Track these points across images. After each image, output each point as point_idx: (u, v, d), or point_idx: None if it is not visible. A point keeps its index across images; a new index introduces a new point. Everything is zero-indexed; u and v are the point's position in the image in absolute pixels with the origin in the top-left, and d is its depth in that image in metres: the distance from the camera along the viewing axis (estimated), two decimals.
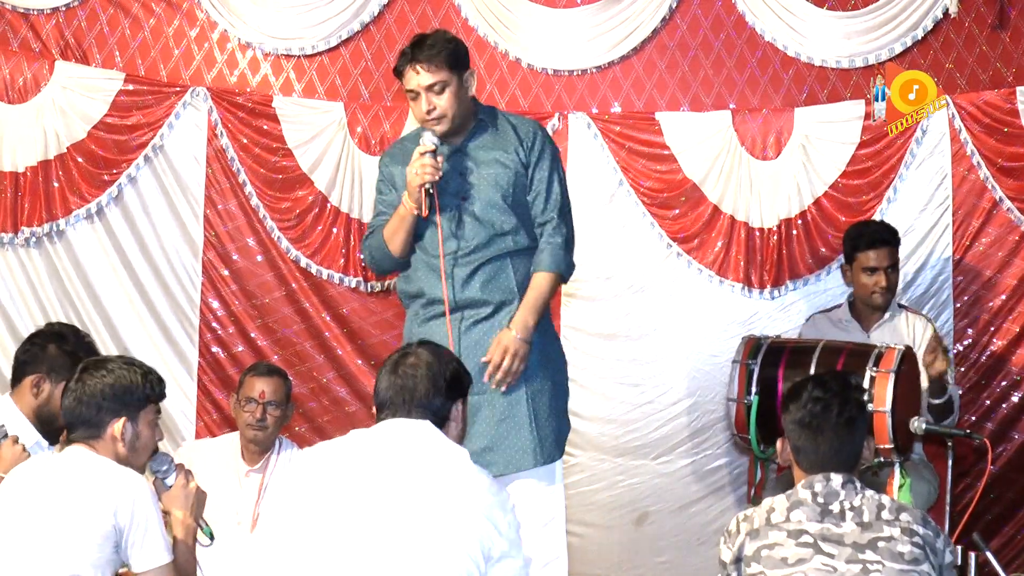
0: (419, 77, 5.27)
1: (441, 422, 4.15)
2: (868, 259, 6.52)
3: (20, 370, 5.23)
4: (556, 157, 5.58)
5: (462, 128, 5.42)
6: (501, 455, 5.28)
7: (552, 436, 5.43)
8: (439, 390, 4.16)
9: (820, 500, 4.15)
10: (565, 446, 5.61)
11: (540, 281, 5.40)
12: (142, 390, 4.43)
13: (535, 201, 5.48)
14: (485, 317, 5.35)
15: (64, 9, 7.23)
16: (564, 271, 5.49)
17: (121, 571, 4.33)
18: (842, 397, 4.32)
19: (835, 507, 4.13)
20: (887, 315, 6.55)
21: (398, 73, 5.36)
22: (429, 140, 5.24)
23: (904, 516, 4.12)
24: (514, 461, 5.31)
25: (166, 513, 4.54)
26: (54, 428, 5.06)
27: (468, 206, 5.36)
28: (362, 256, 5.61)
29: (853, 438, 4.30)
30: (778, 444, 4.44)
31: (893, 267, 6.54)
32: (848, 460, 4.26)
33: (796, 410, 4.32)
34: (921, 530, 4.10)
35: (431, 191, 5.25)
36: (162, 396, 4.55)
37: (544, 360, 5.47)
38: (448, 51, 5.30)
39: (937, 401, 6.19)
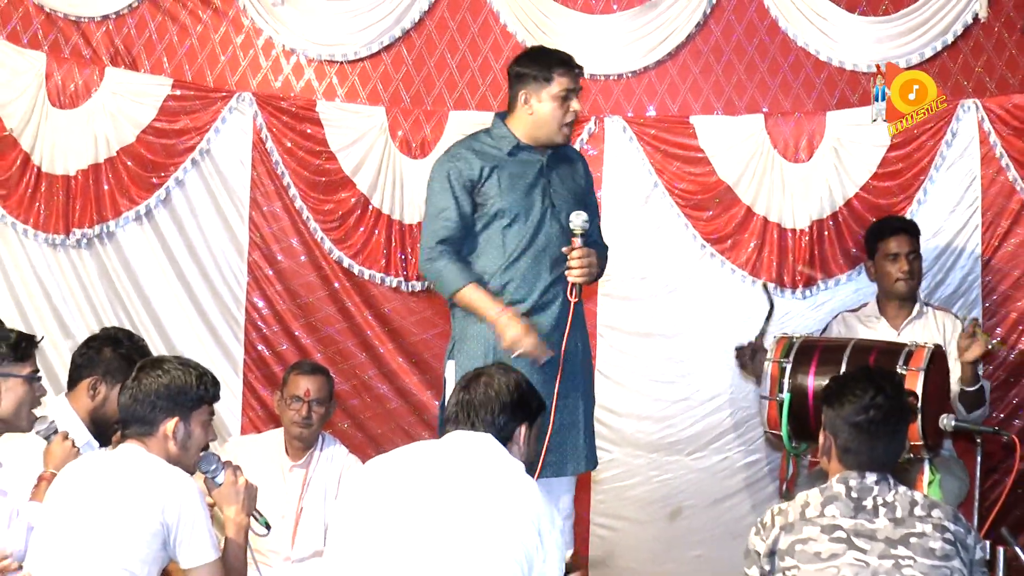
0: (578, 81, 5.55)
1: (504, 440, 4.16)
2: (889, 246, 6.59)
3: (77, 373, 5.29)
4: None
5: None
6: (558, 456, 5.41)
7: (594, 442, 5.62)
8: (504, 408, 4.18)
9: (854, 495, 4.15)
10: None
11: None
12: (196, 391, 4.48)
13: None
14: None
15: (114, 17, 7.28)
16: (599, 275, 5.73)
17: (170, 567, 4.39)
18: (900, 405, 4.33)
19: (868, 503, 4.13)
20: (915, 313, 6.57)
21: (551, 72, 5.49)
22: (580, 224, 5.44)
23: (936, 513, 4.12)
24: (571, 465, 5.47)
25: (212, 508, 4.59)
26: (108, 431, 5.11)
27: (557, 213, 5.51)
28: (423, 264, 5.56)
29: (901, 441, 4.33)
30: (820, 437, 4.41)
31: (914, 254, 6.58)
32: (892, 461, 4.28)
33: (854, 413, 4.27)
34: (952, 527, 4.10)
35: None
36: (216, 398, 4.60)
37: (590, 372, 5.70)
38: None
39: (970, 389, 6.19)
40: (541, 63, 5.53)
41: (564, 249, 5.43)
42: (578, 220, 5.39)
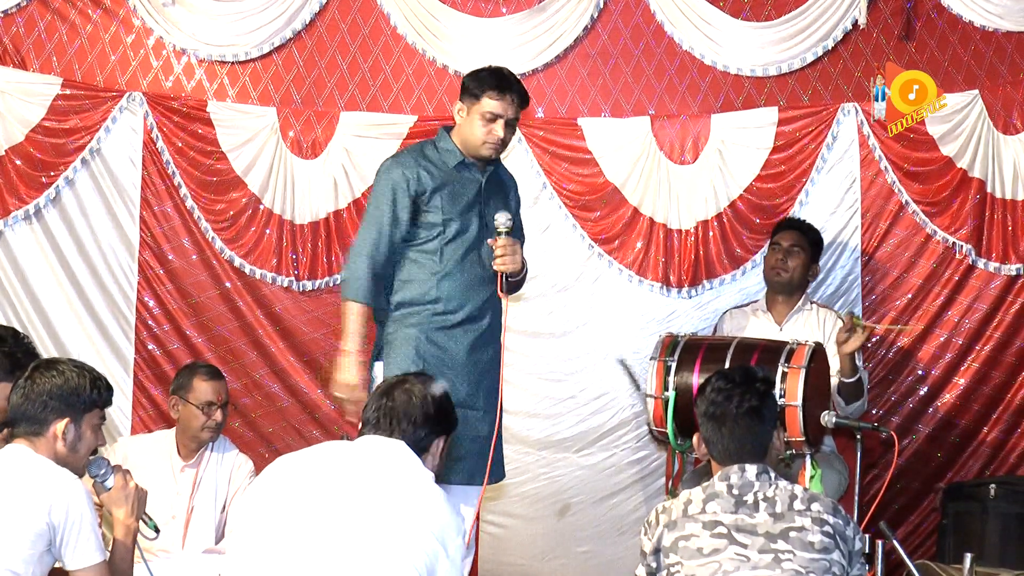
0: (510, 109, 5.49)
1: (420, 452, 4.10)
2: (774, 238, 6.68)
3: None
4: None
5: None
6: (467, 465, 5.43)
7: (502, 458, 5.65)
8: (427, 420, 4.13)
9: (735, 492, 4.13)
10: None
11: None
12: (89, 394, 4.39)
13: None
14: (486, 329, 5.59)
15: (2, 15, 7.14)
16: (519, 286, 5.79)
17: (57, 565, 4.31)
18: (743, 388, 4.29)
19: (749, 498, 4.11)
20: (798, 307, 6.60)
21: (479, 92, 5.49)
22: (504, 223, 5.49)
23: (815, 506, 4.10)
24: (478, 474, 5.46)
25: (100, 509, 4.52)
26: None
27: (491, 233, 5.52)
28: (347, 263, 5.61)
29: (757, 428, 4.26)
30: (695, 439, 4.43)
31: (798, 249, 6.62)
32: (756, 450, 4.23)
33: (702, 402, 4.32)
34: (831, 519, 4.09)
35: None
36: (108, 403, 4.52)
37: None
38: (528, 100, 5.65)
39: (848, 380, 6.23)
40: (479, 81, 5.52)
41: (489, 241, 5.48)
42: (502, 218, 5.44)
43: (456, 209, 5.49)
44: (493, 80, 5.51)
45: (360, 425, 4.20)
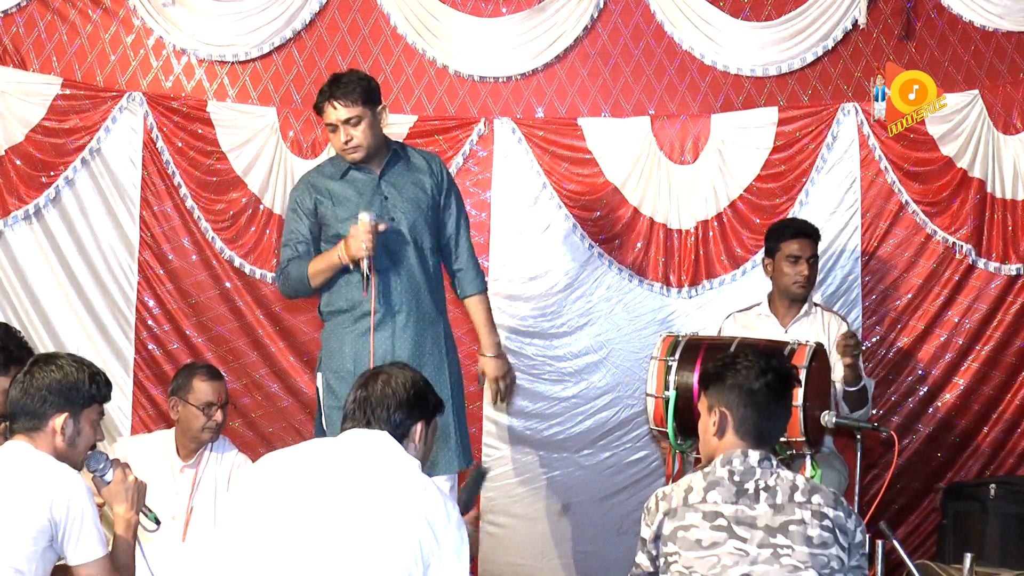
0: (336, 112, 5.65)
1: (399, 438, 4.06)
2: (792, 248, 6.51)
3: None
4: (458, 188, 6.12)
5: (377, 157, 5.79)
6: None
7: (468, 443, 5.81)
8: (400, 405, 4.09)
9: (736, 479, 4.12)
10: None
11: (481, 302, 6.01)
12: (88, 389, 4.39)
13: (447, 224, 5.94)
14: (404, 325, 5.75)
15: (2, 15, 7.12)
16: (486, 287, 6.08)
17: (59, 563, 4.31)
18: (790, 373, 4.40)
19: (750, 486, 4.10)
20: (803, 311, 6.56)
21: (318, 110, 5.73)
22: (367, 218, 5.51)
23: (816, 498, 4.09)
24: (440, 465, 5.59)
25: (101, 507, 4.53)
26: None
27: (395, 225, 5.69)
28: (277, 283, 6.02)
29: (789, 411, 4.42)
30: (712, 417, 4.31)
31: (814, 258, 6.57)
32: (778, 434, 4.33)
33: (754, 378, 4.25)
34: (832, 512, 4.08)
35: (368, 265, 5.56)
36: (107, 398, 4.51)
37: (459, 375, 5.93)
38: (362, 88, 5.69)
39: (851, 389, 6.23)
40: (317, 99, 5.76)
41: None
42: (364, 216, 5.53)
43: (347, 216, 5.67)
44: (318, 97, 5.73)
45: (341, 420, 4.20)
